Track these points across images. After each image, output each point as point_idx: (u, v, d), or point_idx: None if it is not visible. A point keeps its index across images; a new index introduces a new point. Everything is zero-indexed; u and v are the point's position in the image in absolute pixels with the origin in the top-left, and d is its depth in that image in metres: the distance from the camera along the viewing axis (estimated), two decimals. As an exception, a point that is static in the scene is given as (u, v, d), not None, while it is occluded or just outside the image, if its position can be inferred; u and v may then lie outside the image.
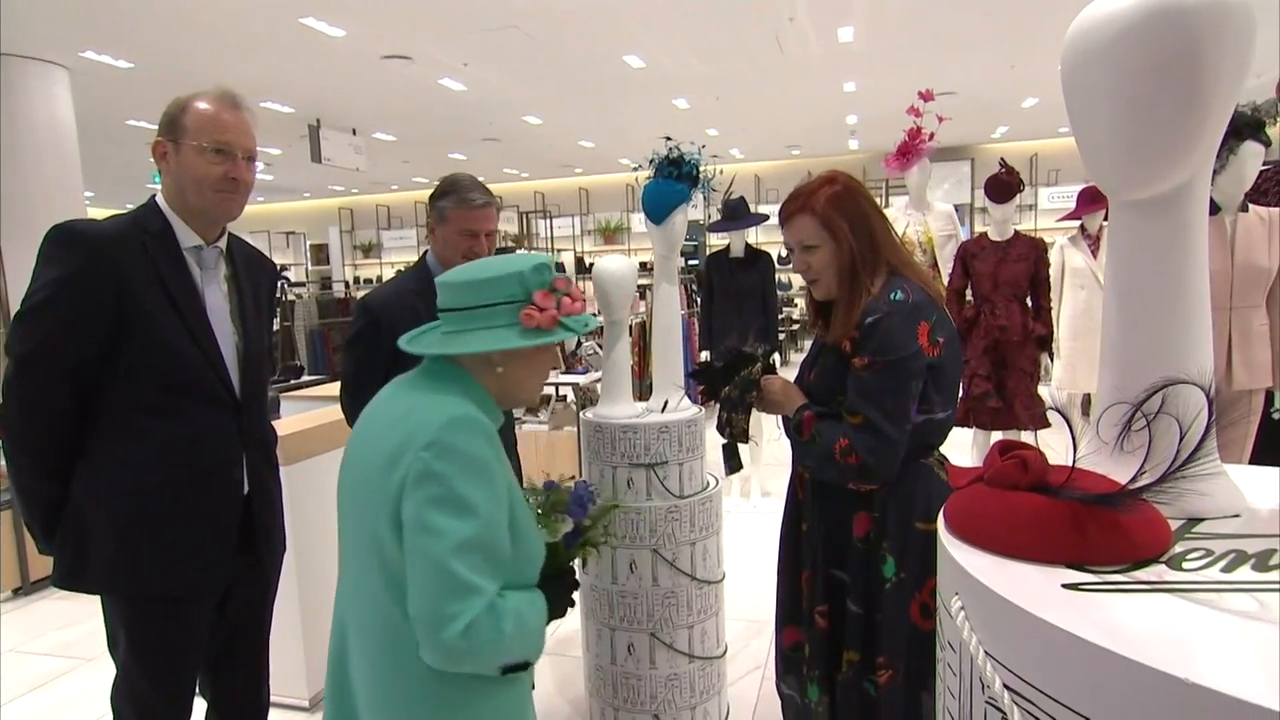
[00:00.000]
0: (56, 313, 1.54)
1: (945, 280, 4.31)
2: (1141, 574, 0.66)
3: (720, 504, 2.68)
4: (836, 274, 1.64)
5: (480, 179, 2.23)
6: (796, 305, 11.60)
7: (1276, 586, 0.63)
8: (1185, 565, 0.68)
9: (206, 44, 6.64)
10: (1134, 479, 0.72)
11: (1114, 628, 0.58)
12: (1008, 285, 3.95)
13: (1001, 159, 4.48)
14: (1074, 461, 0.72)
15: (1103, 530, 0.68)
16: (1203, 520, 0.76)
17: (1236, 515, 0.78)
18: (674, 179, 2.60)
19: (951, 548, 0.73)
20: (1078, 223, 4.79)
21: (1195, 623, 0.59)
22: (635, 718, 2.54)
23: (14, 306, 6.55)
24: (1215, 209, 3.20)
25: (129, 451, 1.62)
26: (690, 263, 10.21)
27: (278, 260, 12.96)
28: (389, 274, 15.53)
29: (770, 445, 5.87)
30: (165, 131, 1.64)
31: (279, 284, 2.09)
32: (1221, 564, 0.68)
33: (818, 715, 1.74)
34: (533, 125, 10.17)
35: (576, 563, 1.45)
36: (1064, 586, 0.63)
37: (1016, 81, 9.04)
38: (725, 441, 1.96)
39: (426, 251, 2.21)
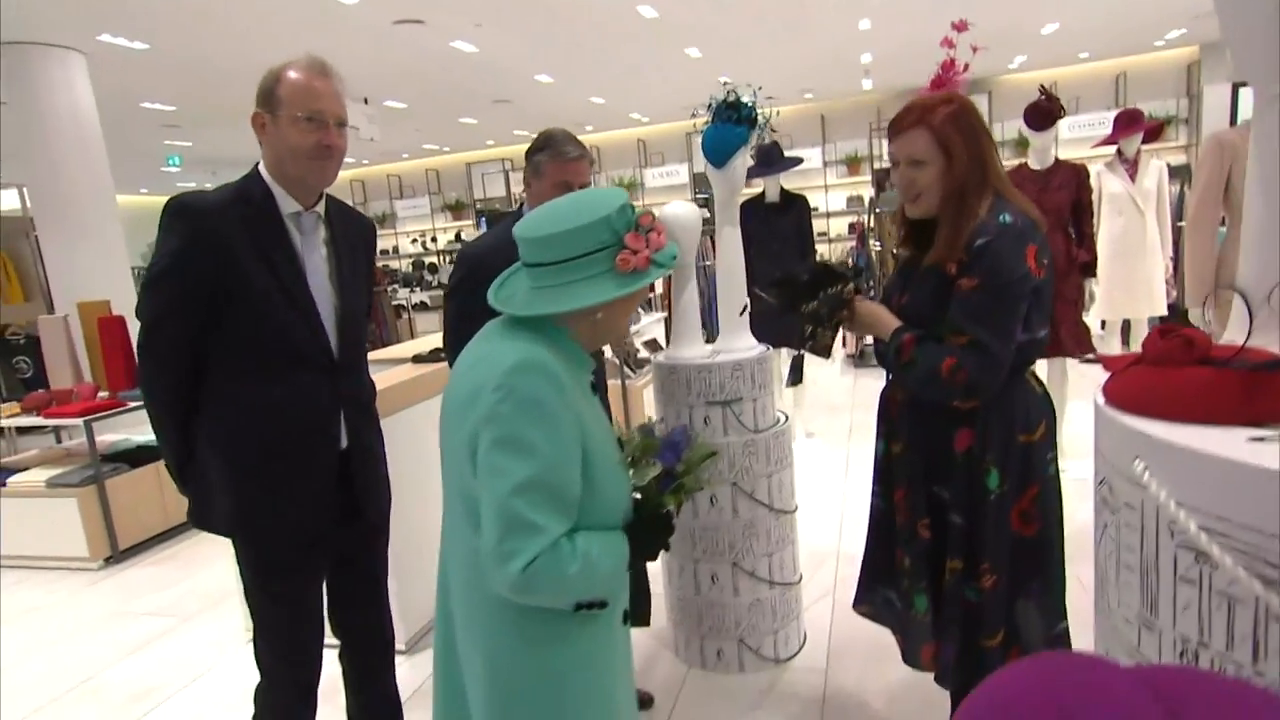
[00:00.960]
0: (173, 280, 1.68)
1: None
2: None
3: (791, 438, 2.77)
4: (941, 193, 1.65)
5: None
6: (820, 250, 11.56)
7: None
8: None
9: (217, 21, 6.61)
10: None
11: None
12: (1051, 214, 3.96)
13: (1041, 86, 4.44)
14: (1246, 342, 0.79)
15: (1271, 394, 0.76)
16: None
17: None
18: (733, 122, 2.63)
19: (1124, 419, 0.81)
20: (1114, 148, 4.77)
21: None
22: (722, 644, 2.68)
23: (55, 291, 6.66)
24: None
25: (235, 409, 1.75)
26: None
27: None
28: (405, 244, 15.55)
29: (813, 389, 5.97)
30: (262, 104, 1.70)
31: (375, 240, 2.14)
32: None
33: (922, 625, 1.82)
34: (544, 85, 10.07)
35: (673, 508, 1.45)
36: (1250, 440, 0.71)
37: (1035, 6, 8.84)
38: (798, 353, 2.01)
39: (522, 204, 2.30)
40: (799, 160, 5.11)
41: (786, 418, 2.74)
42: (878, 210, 7.74)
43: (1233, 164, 3.41)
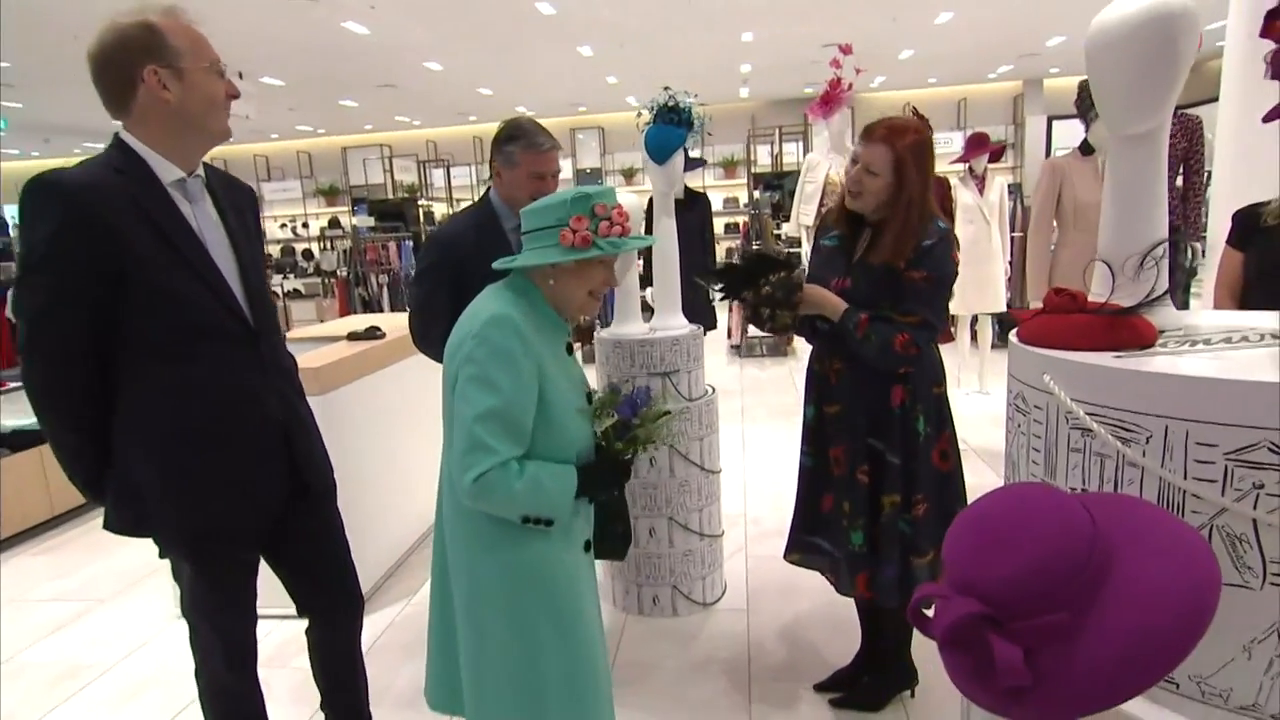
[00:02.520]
0: (53, 269, 1.50)
1: (866, 216, 4.89)
2: (1147, 352, 1.16)
3: (718, 407, 3.15)
4: (880, 204, 1.99)
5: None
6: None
7: (1224, 347, 1.13)
8: (1169, 346, 1.18)
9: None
10: (1136, 305, 1.22)
11: (1149, 367, 1.07)
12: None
13: (911, 105, 5.06)
14: (1109, 298, 1.21)
15: (1126, 330, 1.17)
16: (1163, 330, 1.27)
17: (1180, 329, 1.30)
18: (674, 124, 2.95)
19: (1034, 351, 1.21)
20: (965, 166, 5.50)
21: (1191, 363, 1.07)
22: (657, 591, 3.01)
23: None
24: (1089, 151, 3.91)
25: (157, 399, 1.61)
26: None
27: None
28: (274, 229, 14.83)
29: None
30: (149, 58, 1.51)
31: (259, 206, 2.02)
32: (1187, 344, 1.18)
33: (858, 557, 2.14)
34: (433, 72, 10.04)
35: (629, 455, 1.69)
36: (1114, 358, 1.12)
37: (896, 34, 9.77)
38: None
39: (489, 189, 2.38)
40: (703, 160, 5.51)
41: (714, 389, 3.10)
42: (754, 211, 8.35)
43: (1063, 183, 4.10)
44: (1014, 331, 1.31)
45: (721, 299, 2.32)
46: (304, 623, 2.04)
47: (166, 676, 2.84)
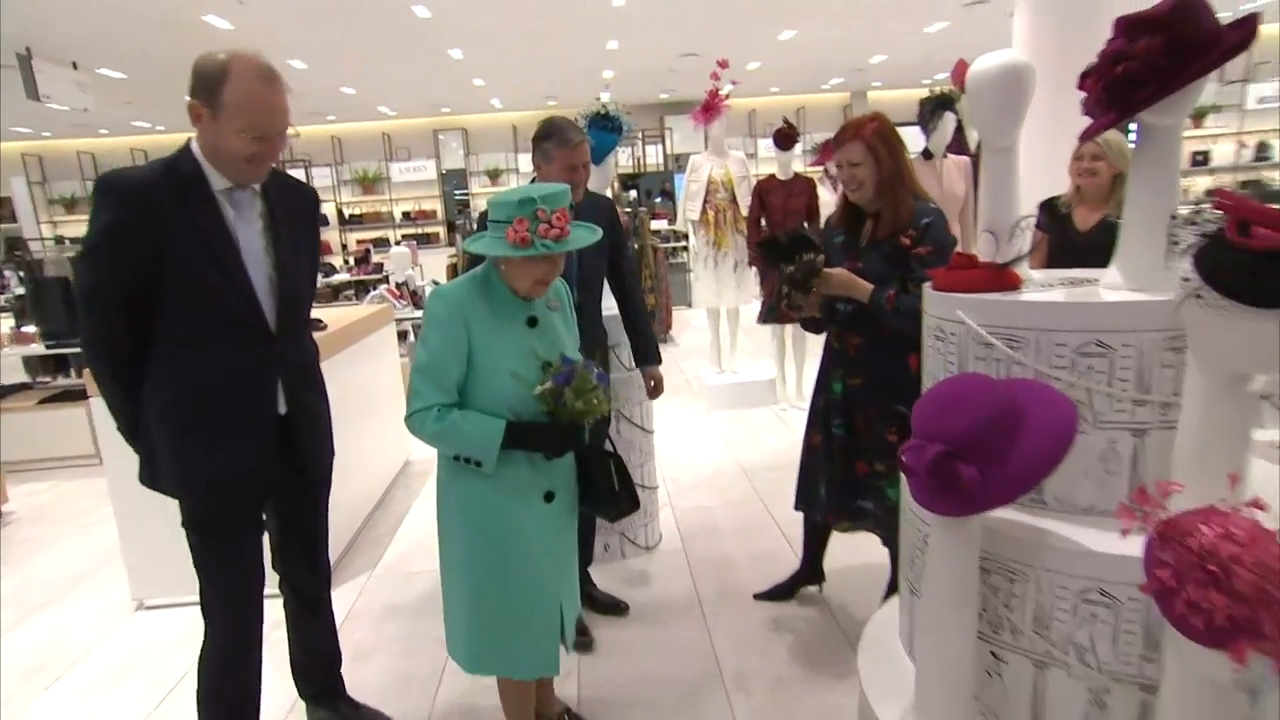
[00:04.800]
0: (103, 256, 1.70)
1: (745, 211, 5.49)
2: (1018, 292, 1.71)
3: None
4: (875, 186, 2.25)
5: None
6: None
7: (1064, 287, 1.70)
8: (1030, 288, 1.75)
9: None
10: (1009, 261, 1.78)
11: (1024, 299, 1.62)
12: (794, 214, 5.19)
13: (784, 117, 5.73)
14: (996, 259, 1.77)
15: (1005, 278, 1.72)
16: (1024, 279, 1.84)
17: (1030, 279, 1.88)
18: (607, 130, 3.35)
19: (948, 296, 1.74)
20: (823, 167, 6.23)
21: (1047, 296, 1.63)
22: (607, 539, 3.42)
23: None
24: (929, 156, 4.69)
25: (175, 376, 1.79)
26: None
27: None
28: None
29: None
30: (202, 97, 1.67)
31: (320, 210, 2.12)
32: (1041, 287, 1.76)
33: (894, 511, 2.19)
34: (295, 69, 9.75)
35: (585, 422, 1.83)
36: (999, 295, 1.67)
37: (745, 48, 10.59)
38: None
39: (534, 182, 2.45)
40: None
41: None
42: (629, 210, 8.84)
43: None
44: (929, 285, 1.84)
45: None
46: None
47: (143, 663, 2.91)
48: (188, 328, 1.76)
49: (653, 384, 2.94)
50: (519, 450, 1.79)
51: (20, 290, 7.04)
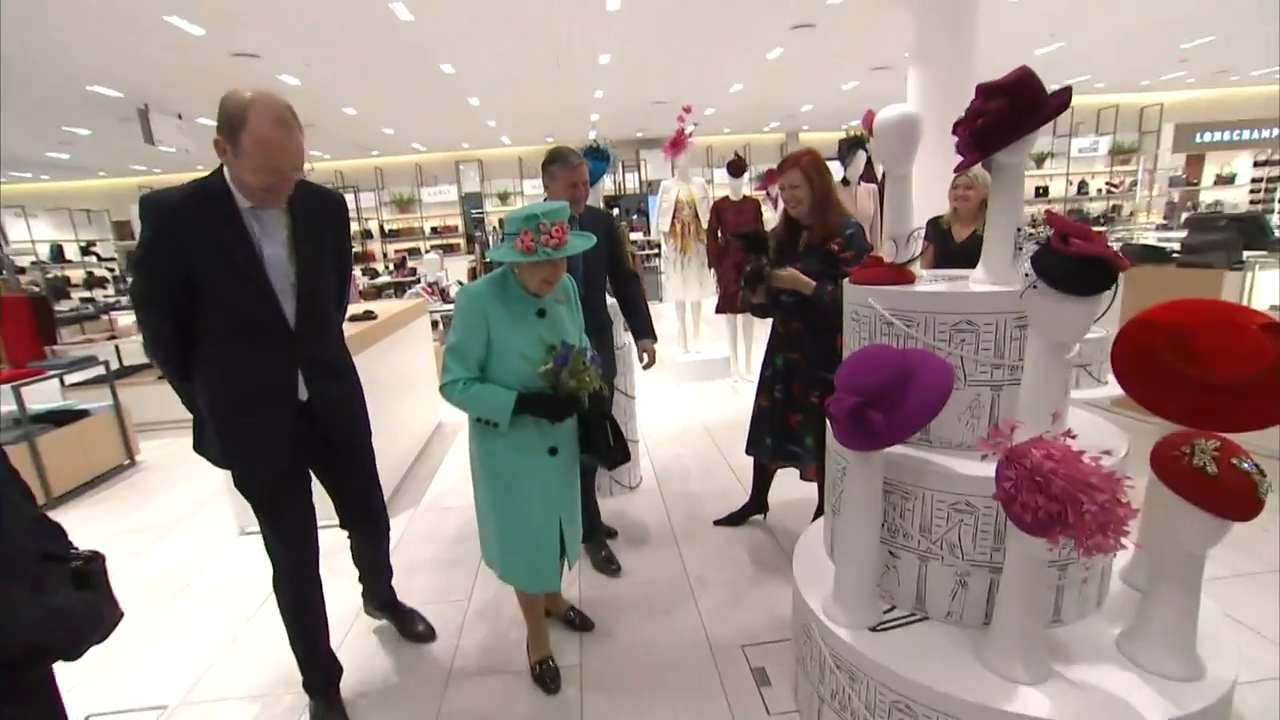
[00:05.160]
0: (145, 267, 1.62)
1: (705, 225, 5.56)
2: (913, 285, 1.82)
3: (630, 352, 3.66)
4: (810, 204, 2.35)
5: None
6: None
7: (946, 283, 1.82)
8: (921, 283, 1.86)
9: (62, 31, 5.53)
10: (905, 262, 1.90)
11: (917, 290, 1.73)
12: (743, 227, 5.27)
13: (735, 152, 5.79)
14: (896, 260, 1.87)
15: (903, 275, 1.82)
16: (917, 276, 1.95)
17: (921, 276, 1.99)
18: (599, 159, 3.41)
19: (861, 288, 1.85)
20: (766, 191, 6.32)
21: (934, 288, 1.75)
22: (599, 481, 3.48)
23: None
24: (846, 183, 4.79)
25: (212, 369, 1.72)
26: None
27: (85, 237, 10.70)
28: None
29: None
30: (225, 134, 1.53)
31: (345, 213, 1.94)
32: (929, 282, 1.88)
33: (810, 452, 2.47)
34: (347, 115, 9.63)
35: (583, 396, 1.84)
36: (900, 287, 1.78)
37: (703, 97, 10.63)
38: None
39: (545, 199, 2.39)
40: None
41: (625, 344, 3.61)
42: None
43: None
44: (847, 280, 1.95)
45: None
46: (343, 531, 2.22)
47: (243, 578, 2.96)
48: (219, 328, 1.68)
49: (646, 356, 2.87)
50: (527, 415, 1.82)
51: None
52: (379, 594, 2.42)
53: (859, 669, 1.60)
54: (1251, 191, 11.72)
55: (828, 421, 1.61)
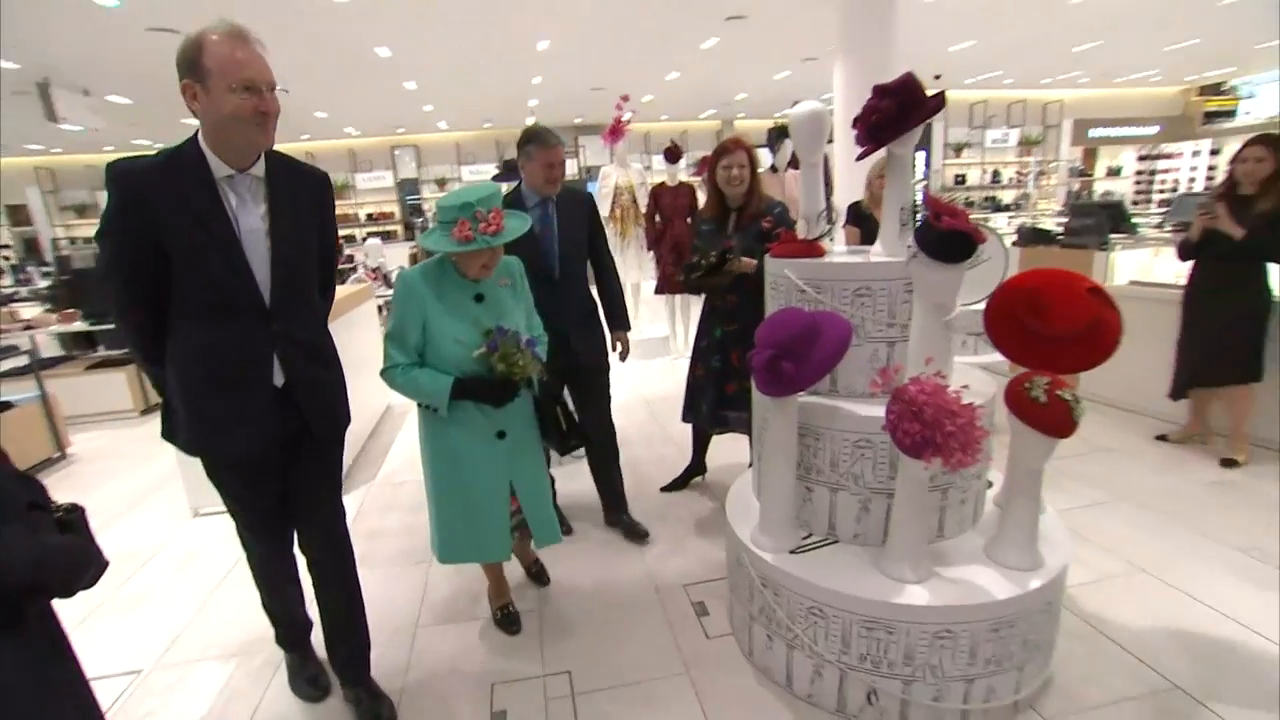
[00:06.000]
0: (110, 237, 1.51)
1: (644, 209, 5.77)
2: (824, 258, 2.09)
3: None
4: (748, 184, 2.57)
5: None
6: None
7: (850, 255, 2.10)
8: (831, 255, 2.14)
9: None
10: (817, 237, 2.17)
11: (826, 261, 2.00)
12: (680, 212, 5.47)
13: (672, 139, 6.00)
14: (809, 236, 2.14)
15: (814, 249, 2.08)
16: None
17: (831, 251, 2.27)
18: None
19: (780, 261, 2.10)
20: (701, 177, 6.57)
21: (841, 260, 2.01)
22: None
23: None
24: (775, 170, 5.10)
25: (182, 348, 1.59)
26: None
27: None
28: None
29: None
30: (188, 74, 1.42)
31: (329, 192, 1.77)
32: (838, 256, 2.16)
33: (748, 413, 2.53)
34: (281, 95, 9.21)
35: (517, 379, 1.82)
36: (812, 260, 2.04)
37: (641, 84, 10.76)
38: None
39: (520, 182, 2.49)
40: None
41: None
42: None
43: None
44: (768, 254, 2.21)
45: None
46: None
47: (204, 553, 3.01)
48: (192, 304, 1.56)
49: (620, 345, 2.82)
50: (468, 400, 1.81)
51: (43, 283, 6.66)
52: (345, 657, 1.97)
53: (782, 585, 1.88)
54: (1136, 183, 12.90)
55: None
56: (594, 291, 2.72)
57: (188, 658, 2.30)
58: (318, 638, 2.07)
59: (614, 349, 2.81)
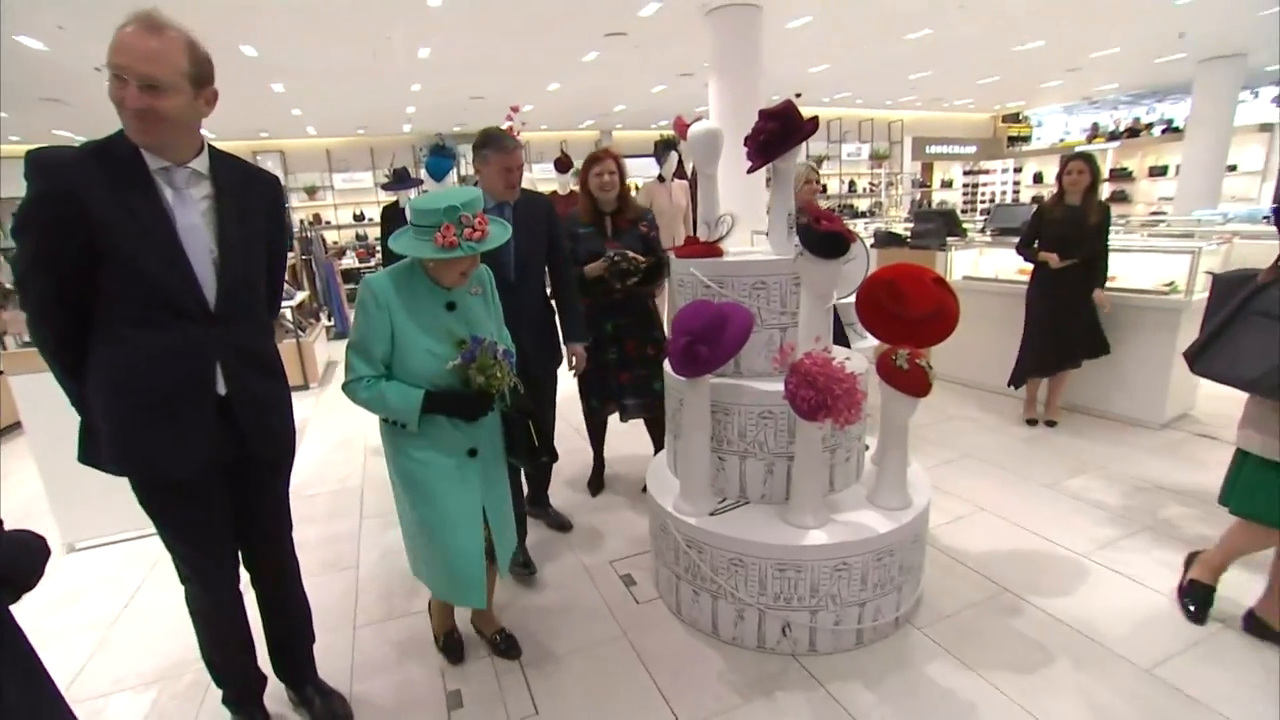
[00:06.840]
0: (31, 232, 1.37)
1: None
2: (723, 258, 2.38)
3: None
4: (618, 190, 2.75)
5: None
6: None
7: (749, 254, 2.41)
8: (729, 255, 2.44)
9: None
10: (716, 239, 2.46)
11: (726, 260, 2.29)
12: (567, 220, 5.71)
13: (561, 148, 6.19)
14: (709, 239, 2.43)
15: (714, 250, 2.39)
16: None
17: (729, 251, 2.58)
18: (444, 155, 3.61)
19: (685, 262, 2.37)
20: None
21: (741, 258, 2.31)
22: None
23: None
24: (662, 179, 5.43)
25: (113, 356, 1.44)
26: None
27: None
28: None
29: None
30: (107, 60, 1.32)
31: (280, 195, 1.69)
32: (737, 255, 2.46)
33: (658, 396, 2.75)
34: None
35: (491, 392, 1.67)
36: (713, 259, 2.33)
37: (521, 93, 10.83)
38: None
39: (477, 183, 2.37)
40: (420, 181, 5.98)
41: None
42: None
43: (653, 198, 5.61)
44: (672, 255, 2.47)
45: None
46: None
47: (85, 597, 2.77)
48: (124, 306, 1.41)
49: (574, 359, 2.70)
50: (439, 414, 1.67)
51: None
52: (290, 665, 1.96)
53: (705, 543, 2.14)
54: (964, 194, 14.90)
55: (666, 364, 2.04)
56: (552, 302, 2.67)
57: (96, 692, 2.16)
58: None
59: (569, 362, 2.71)
